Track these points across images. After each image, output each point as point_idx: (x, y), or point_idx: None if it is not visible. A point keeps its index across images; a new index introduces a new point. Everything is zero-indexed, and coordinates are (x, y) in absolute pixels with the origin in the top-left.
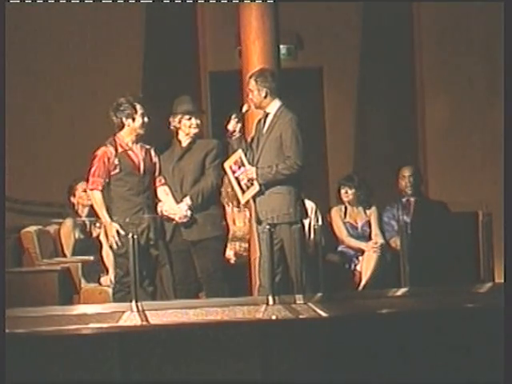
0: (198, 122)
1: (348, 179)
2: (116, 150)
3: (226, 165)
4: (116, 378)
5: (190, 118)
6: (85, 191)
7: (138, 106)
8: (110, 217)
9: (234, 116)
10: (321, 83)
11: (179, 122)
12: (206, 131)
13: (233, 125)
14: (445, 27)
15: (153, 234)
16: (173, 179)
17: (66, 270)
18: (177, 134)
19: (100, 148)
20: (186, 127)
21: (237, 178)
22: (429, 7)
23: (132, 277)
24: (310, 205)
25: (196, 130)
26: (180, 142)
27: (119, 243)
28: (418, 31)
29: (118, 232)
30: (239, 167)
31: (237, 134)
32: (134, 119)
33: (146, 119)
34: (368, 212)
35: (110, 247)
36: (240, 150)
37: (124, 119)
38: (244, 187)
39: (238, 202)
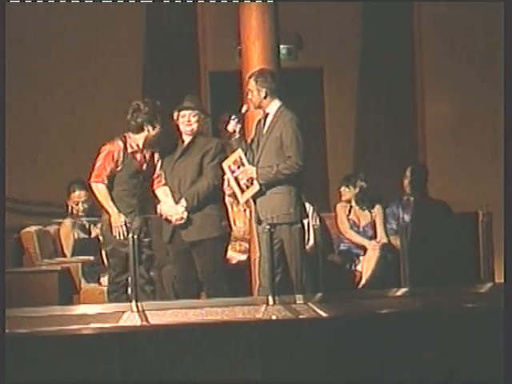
0: (194, 117)
1: (346, 178)
2: (126, 149)
3: (225, 164)
4: (116, 378)
5: (184, 115)
6: (77, 204)
7: (159, 116)
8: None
9: (233, 117)
10: (321, 83)
11: (177, 118)
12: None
13: (232, 125)
14: (445, 27)
15: (144, 234)
16: (172, 180)
17: (65, 270)
18: (180, 133)
19: (110, 142)
20: (182, 124)
21: (236, 178)
22: (429, 7)
23: (132, 276)
24: (307, 206)
25: (191, 127)
26: (183, 141)
27: (125, 234)
28: (418, 31)
29: (125, 222)
30: (238, 167)
31: (236, 135)
32: (154, 127)
33: (161, 129)
34: (373, 213)
35: (107, 247)
36: (239, 150)
37: (144, 124)
38: (243, 187)
39: (238, 202)
